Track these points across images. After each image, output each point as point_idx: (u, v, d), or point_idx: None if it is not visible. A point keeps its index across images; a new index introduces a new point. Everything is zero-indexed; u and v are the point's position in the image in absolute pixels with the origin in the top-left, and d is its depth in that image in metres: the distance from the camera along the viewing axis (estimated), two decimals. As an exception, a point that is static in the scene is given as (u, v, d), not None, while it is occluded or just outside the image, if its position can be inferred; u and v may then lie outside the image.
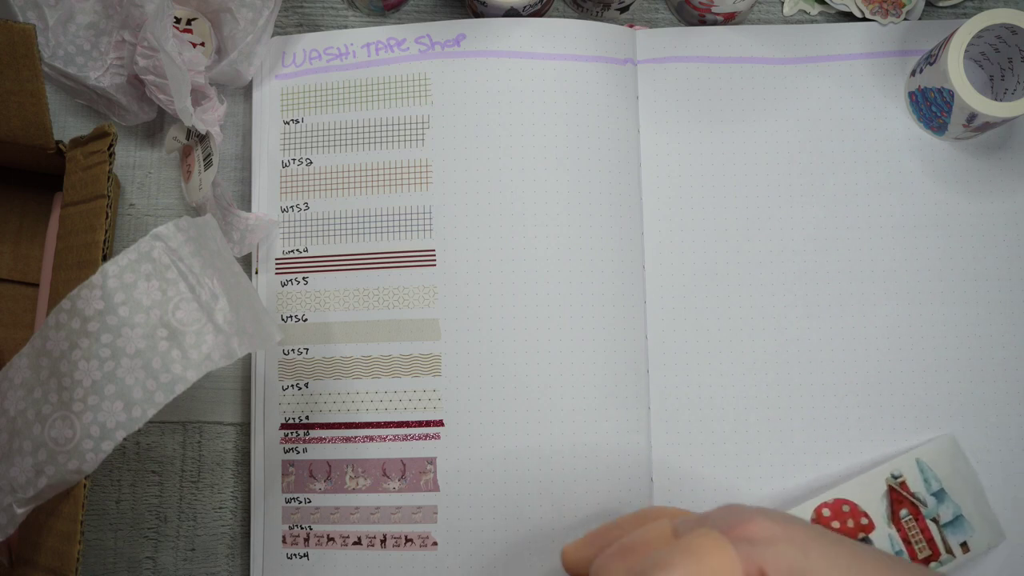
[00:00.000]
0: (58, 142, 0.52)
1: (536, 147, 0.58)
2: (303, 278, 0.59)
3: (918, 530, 0.54)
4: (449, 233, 0.58)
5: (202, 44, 0.58)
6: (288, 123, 0.60)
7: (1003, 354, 0.57)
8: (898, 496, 0.54)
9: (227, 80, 0.59)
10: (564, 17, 0.60)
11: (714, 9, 0.59)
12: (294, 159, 0.60)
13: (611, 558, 0.41)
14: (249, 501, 0.58)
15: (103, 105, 0.59)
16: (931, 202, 0.58)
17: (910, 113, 0.59)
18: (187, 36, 0.57)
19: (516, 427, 0.56)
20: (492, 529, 0.55)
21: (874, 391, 0.57)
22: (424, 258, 0.58)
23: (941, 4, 0.61)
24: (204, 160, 0.56)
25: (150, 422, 0.43)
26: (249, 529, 0.57)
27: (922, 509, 0.54)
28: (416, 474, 0.56)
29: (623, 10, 0.61)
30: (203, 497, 0.58)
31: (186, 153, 0.59)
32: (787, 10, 0.61)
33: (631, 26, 0.61)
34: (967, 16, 0.56)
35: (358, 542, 0.56)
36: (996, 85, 0.58)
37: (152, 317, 0.44)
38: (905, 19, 0.60)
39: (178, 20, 0.57)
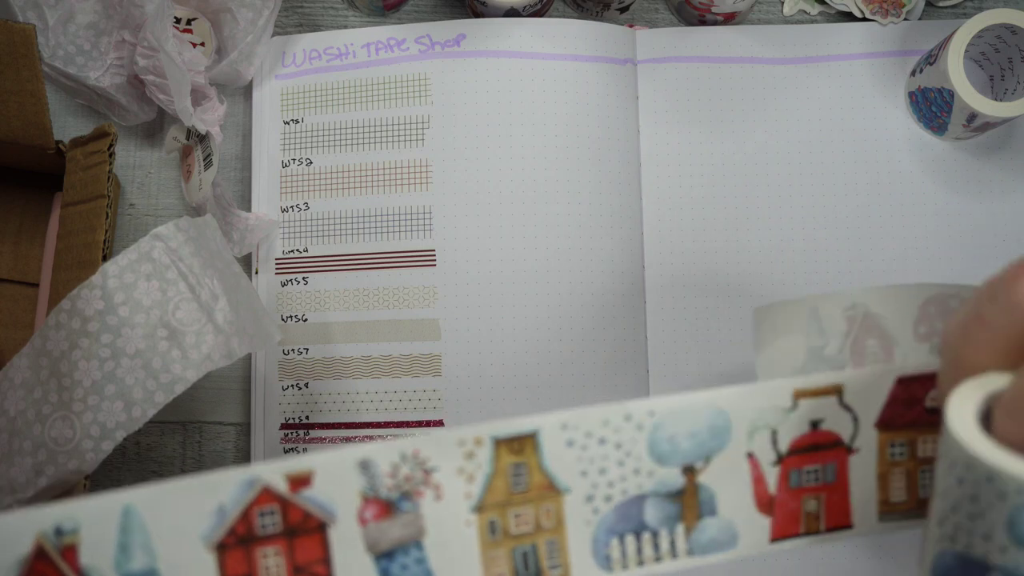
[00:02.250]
0: (58, 142, 0.52)
1: (536, 147, 0.58)
2: (303, 278, 0.59)
3: None
4: (449, 233, 0.58)
5: (202, 44, 0.58)
6: (288, 123, 0.60)
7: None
8: None
9: (227, 80, 0.59)
10: (564, 17, 0.60)
11: (714, 9, 0.59)
12: (294, 159, 0.60)
13: None
14: (249, 501, 0.57)
15: (103, 105, 0.59)
16: (931, 202, 0.58)
17: (910, 113, 0.59)
18: (187, 36, 0.57)
19: (516, 427, 0.56)
20: (492, 529, 0.55)
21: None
22: (424, 258, 0.58)
23: (941, 4, 0.61)
24: (204, 160, 0.56)
25: (150, 422, 0.43)
26: (249, 529, 0.57)
27: None
28: (416, 474, 0.56)
29: (623, 10, 0.61)
30: (203, 497, 0.58)
31: (186, 153, 0.59)
32: (787, 10, 0.61)
33: (631, 26, 0.61)
34: (967, 16, 0.56)
35: (358, 542, 0.56)
36: (996, 85, 0.58)
37: (152, 317, 0.44)
38: (905, 19, 0.60)
39: (178, 20, 0.57)
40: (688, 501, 0.33)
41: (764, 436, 0.34)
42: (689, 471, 0.33)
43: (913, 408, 0.34)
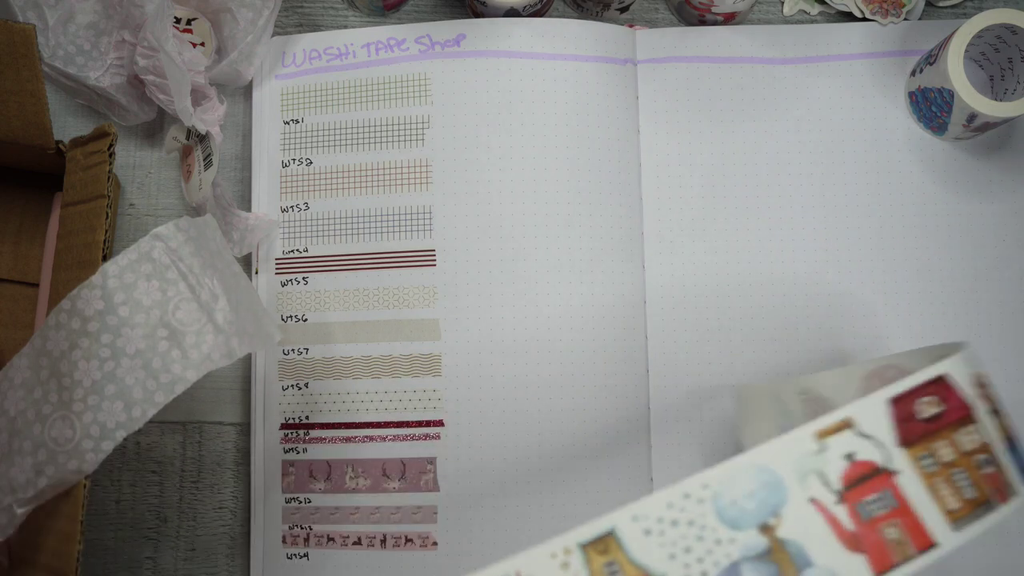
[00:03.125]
0: (58, 142, 0.52)
1: (536, 147, 0.58)
2: (303, 278, 0.59)
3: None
4: (449, 233, 0.58)
5: (202, 44, 0.58)
6: (288, 123, 0.60)
7: (1003, 352, 0.57)
8: None
9: (227, 80, 0.59)
10: (564, 17, 0.60)
11: (714, 9, 0.59)
12: (294, 159, 0.60)
13: None
14: (249, 501, 0.58)
15: (103, 105, 0.59)
16: (931, 202, 0.58)
17: (910, 113, 0.59)
18: (187, 36, 0.57)
19: (516, 427, 0.56)
20: (492, 529, 0.55)
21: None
22: (424, 258, 0.58)
23: (941, 4, 0.61)
24: (204, 160, 0.56)
25: (150, 422, 0.43)
26: (249, 529, 0.57)
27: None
28: (416, 474, 0.56)
29: (623, 10, 0.61)
30: (203, 497, 0.58)
31: (186, 153, 0.59)
32: (787, 10, 0.61)
33: (631, 26, 0.61)
34: (967, 16, 0.56)
35: (358, 542, 0.56)
36: (996, 85, 0.58)
37: (152, 317, 0.44)
38: (905, 19, 0.60)
39: (178, 20, 0.57)
40: (779, 557, 0.35)
41: (815, 480, 0.36)
42: (766, 529, 0.35)
43: (913, 422, 0.37)
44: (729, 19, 0.60)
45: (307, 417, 0.57)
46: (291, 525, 0.57)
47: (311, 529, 0.56)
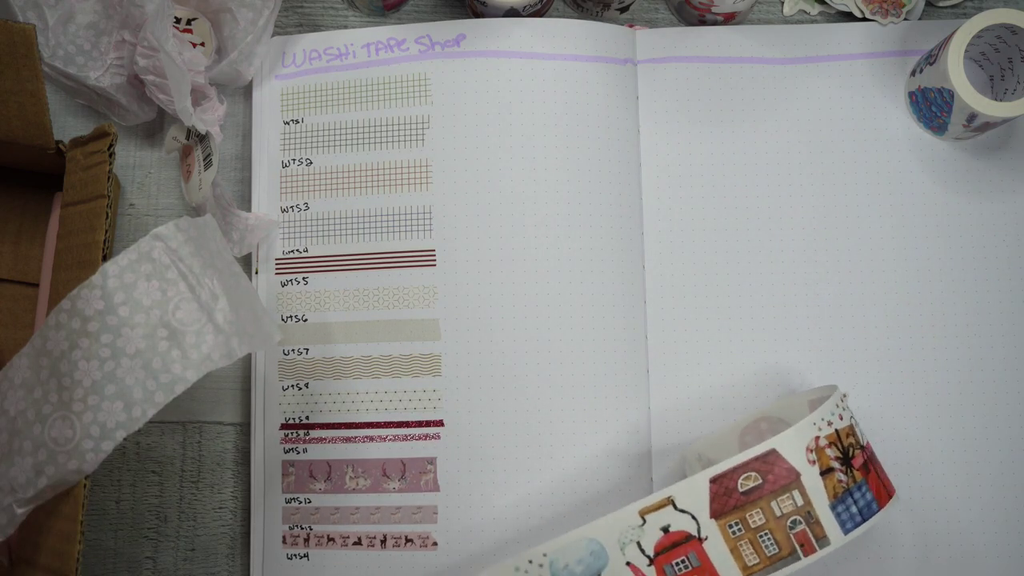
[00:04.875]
0: (58, 142, 0.52)
1: (536, 147, 0.58)
2: (303, 278, 0.59)
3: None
4: (449, 233, 0.58)
5: (202, 44, 0.58)
6: (288, 123, 0.60)
7: (1003, 353, 0.57)
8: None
9: (227, 80, 0.59)
10: (564, 17, 0.60)
11: (714, 9, 0.59)
12: (294, 159, 0.60)
13: None
14: (249, 501, 0.58)
15: (103, 105, 0.59)
16: (931, 202, 0.58)
17: (910, 113, 0.59)
18: (187, 36, 0.57)
19: (516, 427, 0.56)
20: (492, 529, 0.55)
21: (875, 391, 0.57)
22: (424, 258, 0.58)
23: (941, 4, 0.61)
24: (204, 160, 0.56)
25: (150, 422, 0.43)
26: (249, 529, 0.57)
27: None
28: (416, 474, 0.56)
29: (623, 10, 0.61)
30: (203, 497, 0.58)
31: (186, 153, 0.59)
32: (787, 10, 0.61)
33: (631, 26, 0.61)
34: (967, 16, 0.56)
35: (358, 542, 0.56)
36: (996, 85, 0.58)
37: (152, 317, 0.44)
38: (905, 19, 0.60)
39: (178, 20, 0.57)
40: None
41: (633, 547, 0.46)
42: None
43: (732, 496, 0.45)
44: (729, 19, 0.60)
45: (307, 417, 0.57)
46: (291, 525, 0.57)
47: (311, 529, 0.56)
